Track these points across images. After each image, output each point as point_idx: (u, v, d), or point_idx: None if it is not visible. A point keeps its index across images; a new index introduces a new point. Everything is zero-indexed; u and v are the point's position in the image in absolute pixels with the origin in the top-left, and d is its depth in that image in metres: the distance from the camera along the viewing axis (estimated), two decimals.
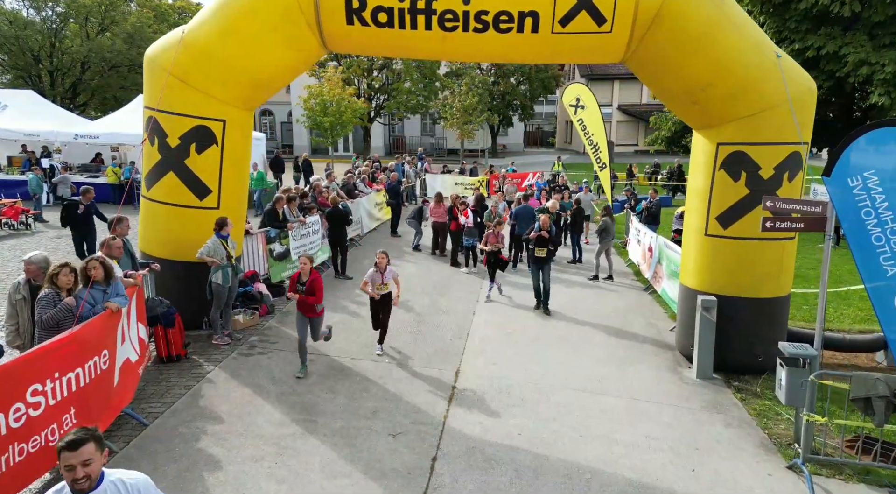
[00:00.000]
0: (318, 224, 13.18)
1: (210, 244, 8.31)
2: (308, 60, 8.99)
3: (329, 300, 11.24)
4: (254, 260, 11.25)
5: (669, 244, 12.20)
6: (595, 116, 19.50)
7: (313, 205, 13.26)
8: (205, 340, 8.86)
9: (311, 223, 12.80)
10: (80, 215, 11.96)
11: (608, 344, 9.74)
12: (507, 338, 9.90)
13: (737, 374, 8.51)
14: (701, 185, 8.65)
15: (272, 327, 9.63)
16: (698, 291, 8.65)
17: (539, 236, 10.98)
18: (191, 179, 8.72)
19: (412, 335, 9.81)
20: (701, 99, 8.20)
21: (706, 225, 8.55)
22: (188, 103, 8.51)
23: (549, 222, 10.99)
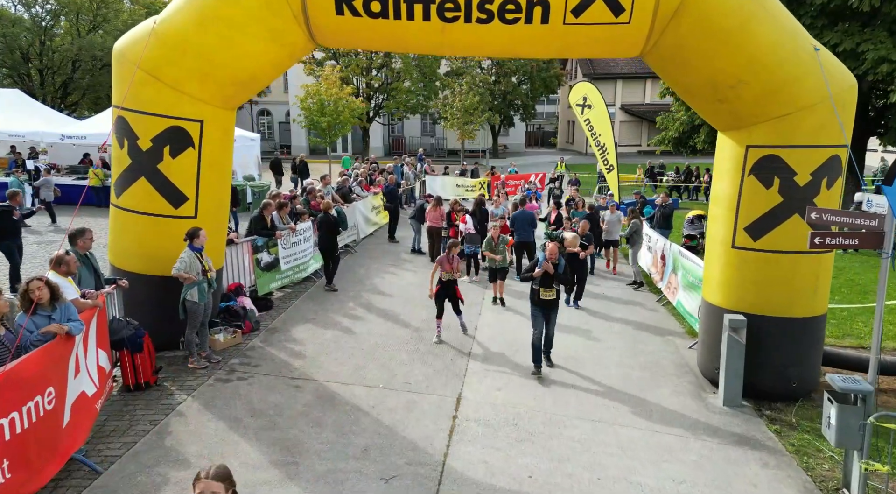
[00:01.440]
0: (309, 231, 12.38)
1: (185, 258, 7.49)
2: (294, 55, 8.18)
3: (319, 314, 10.45)
4: (239, 271, 10.44)
5: (685, 253, 11.39)
6: (602, 116, 18.67)
7: (305, 211, 12.45)
8: (181, 362, 8.04)
9: (301, 231, 11.99)
10: (14, 222, 10.55)
11: (623, 364, 8.92)
12: (513, 357, 9.08)
13: (768, 401, 7.70)
14: (727, 192, 7.83)
15: (255, 347, 8.80)
16: (724, 309, 7.84)
17: (544, 272, 8.34)
18: (165, 186, 7.91)
19: (410, 354, 9.00)
20: (730, 97, 7.39)
21: (733, 236, 7.74)
22: (161, 102, 7.70)
23: (559, 253, 8.47)
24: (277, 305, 10.81)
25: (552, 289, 8.41)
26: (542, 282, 8.38)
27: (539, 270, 8.39)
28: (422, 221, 15.41)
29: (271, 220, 11.24)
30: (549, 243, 8.84)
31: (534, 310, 8.56)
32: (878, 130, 20.32)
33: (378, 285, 12.58)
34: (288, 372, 7.99)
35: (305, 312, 10.56)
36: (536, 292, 8.45)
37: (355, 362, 8.52)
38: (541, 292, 8.40)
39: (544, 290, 8.38)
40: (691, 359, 9.20)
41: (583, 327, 10.50)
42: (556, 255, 8.36)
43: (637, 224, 13.25)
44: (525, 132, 59.70)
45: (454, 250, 9.69)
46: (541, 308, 8.47)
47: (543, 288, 8.38)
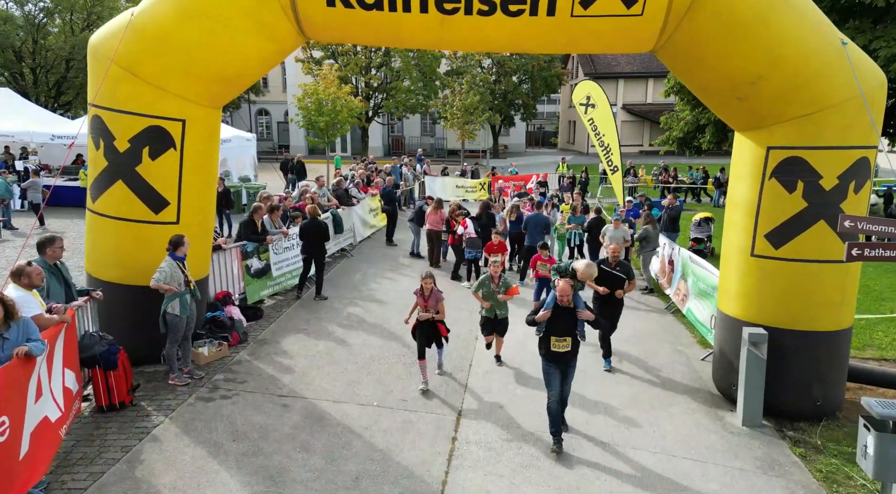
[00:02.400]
0: None
1: (166, 268, 6.97)
2: (283, 50, 7.66)
3: (312, 324, 9.95)
4: (227, 279, 9.92)
5: (695, 259, 10.87)
6: (607, 116, 18.14)
7: (298, 214, 11.92)
8: (161, 378, 7.52)
9: (294, 235, 11.46)
10: None
11: (633, 379, 8.41)
12: (517, 371, 8.58)
13: (789, 420, 7.18)
14: (746, 196, 7.32)
15: (242, 361, 8.28)
16: (743, 321, 7.32)
17: (553, 314, 6.39)
18: (144, 190, 7.39)
19: (406, 367, 8.49)
20: (749, 95, 6.87)
21: (753, 244, 7.22)
22: (139, 99, 7.18)
23: (573, 292, 6.46)
24: (268, 314, 10.29)
25: (566, 339, 6.39)
26: (552, 328, 6.39)
27: (546, 311, 6.39)
28: (421, 223, 14.89)
29: (262, 224, 10.71)
30: (558, 280, 6.74)
31: (545, 366, 6.53)
32: (888, 130, 19.82)
33: (374, 291, 12.06)
34: (276, 389, 7.48)
35: (297, 321, 10.03)
36: (546, 343, 6.46)
37: (348, 377, 8.00)
38: (552, 343, 6.40)
39: (556, 339, 6.38)
40: (704, 372, 8.69)
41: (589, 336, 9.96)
42: (568, 296, 6.36)
43: (649, 230, 12.65)
44: (526, 132, 59.14)
45: (426, 282, 7.82)
46: (554, 363, 6.47)
47: (556, 337, 6.38)
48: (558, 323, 6.40)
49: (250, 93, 47.50)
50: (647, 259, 12.86)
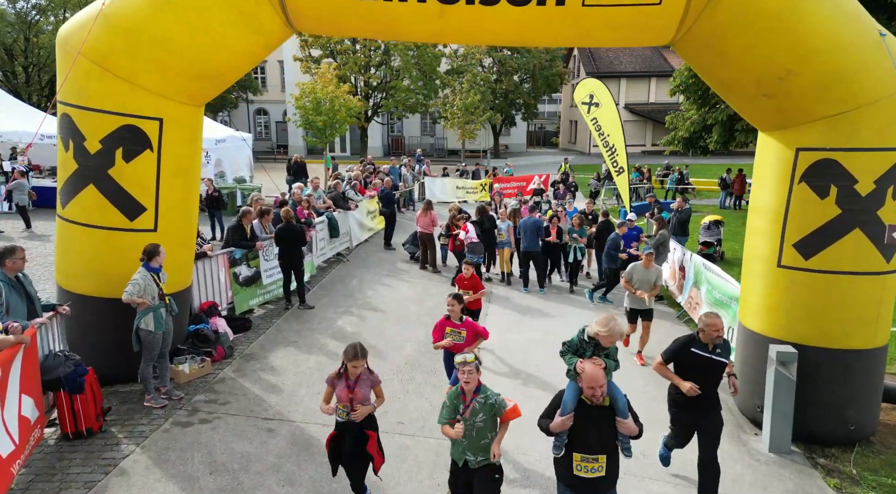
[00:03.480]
0: None
1: (139, 281, 6.38)
2: (270, 44, 7.07)
3: (303, 335, 9.36)
4: (214, 288, 9.32)
5: (709, 266, 10.29)
6: (611, 115, 17.52)
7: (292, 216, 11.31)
8: (137, 398, 6.93)
9: None
10: None
11: (645, 396, 7.82)
12: (522, 385, 8.02)
13: (820, 446, 6.60)
14: (771, 202, 6.73)
15: (226, 379, 7.67)
16: (768, 337, 6.74)
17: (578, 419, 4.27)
18: (117, 195, 6.80)
19: (403, 384, 7.90)
20: (777, 92, 6.28)
21: (780, 253, 6.63)
22: (111, 96, 6.60)
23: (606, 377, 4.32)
24: (257, 324, 9.69)
25: (599, 457, 4.21)
26: (577, 440, 4.26)
27: (566, 417, 4.25)
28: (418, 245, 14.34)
29: (251, 229, 10.12)
30: (580, 364, 4.37)
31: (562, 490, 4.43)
32: None
33: (371, 299, 11.47)
34: (261, 411, 6.89)
35: (287, 333, 9.44)
36: (567, 463, 4.29)
37: None
38: (574, 464, 4.24)
39: (583, 458, 4.22)
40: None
41: None
42: (602, 387, 4.17)
43: (665, 236, 11.92)
44: (527, 132, 58.54)
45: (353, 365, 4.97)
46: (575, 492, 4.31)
47: (582, 455, 4.23)
48: (586, 432, 4.20)
49: (248, 92, 46.96)
50: (659, 266, 12.23)
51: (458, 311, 6.65)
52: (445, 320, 6.71)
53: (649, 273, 9.04)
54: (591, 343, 5.10)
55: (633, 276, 9.04)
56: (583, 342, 5.18)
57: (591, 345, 5.10)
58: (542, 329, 10.17)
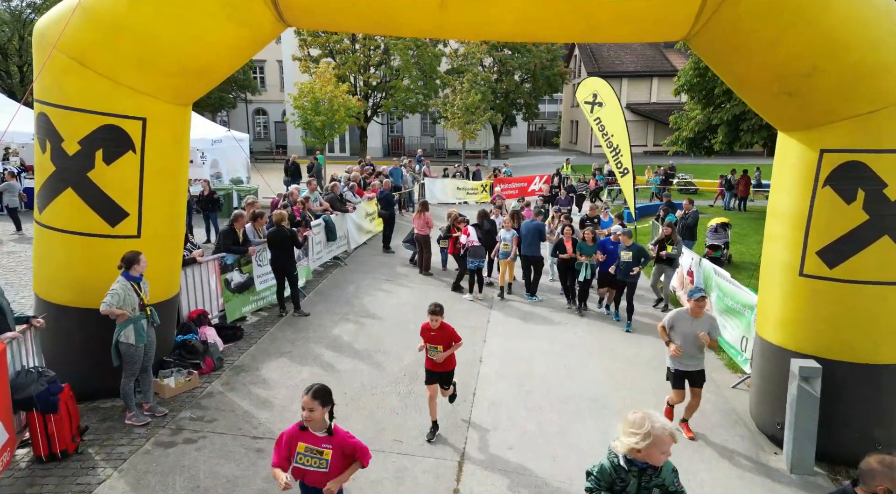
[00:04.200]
0: None
1: (118, 291, 5.98)
2: (259, 38, 6.67)
3: (297, 345, 8.96)
4: (204, 295, 8.92)
5: (720, 272, 9.89)
6: (615, 115, 17.13)
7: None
8: (118, 416, 6.53)
9: None
10: None
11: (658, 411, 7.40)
12: (526, 400, 7.60)
13: (845, 466, 6.20)
14: (792, 207, 6.33)
15: (214, 393, 7.26)
16: (789, 350, 6.33)
17: None
18: (97, 199, 6.40)
19: (402, 399, 7.50)
20: (801, 89, 5.88)
21: (802, 261, 6.23)
22: (90, 94, 6.19)
23: None
24: (249, 333, 9.29)
25: None
26: None
27: None
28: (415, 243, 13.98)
29: (244, 233, 9.71)
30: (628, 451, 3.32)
31: None
32: None
33: (368, 305, 11.07)
34: (250, 429, 6.48)
35: (280, 342, 9.04)
36: None
37: (336, 412, 6.98)
38: None
39: None
40: (737, 402, 7.71)
41: (603, 355, 8.99)
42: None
43: (681, 243, 11.55)
44: (527, 132, 58.13)
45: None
46: None
47: None
48: None
49: (247, 92, 46.57)
50: (670, 276, 11.76)
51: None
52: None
53: (699, 324, 6.53)
54: (634, 469, 3.36)
55: (674, 325, 6.64)
56: (619, 470, 3.40)
57: (635, 471, 3.37)
58: (547, 338, 9.77)
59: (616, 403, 7.60)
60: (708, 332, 6.51)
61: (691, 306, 6.57)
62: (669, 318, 6.74)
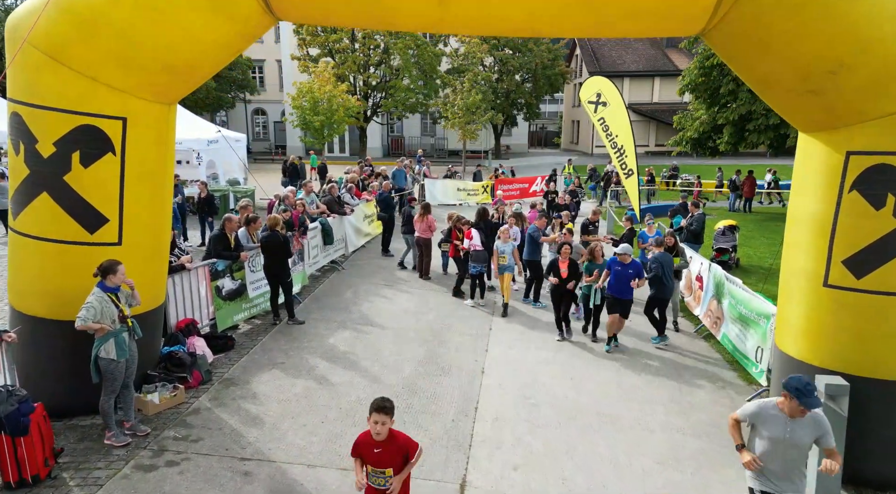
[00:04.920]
0: None
1: (94, 303, 5.58)
2: (247, 32, 6.27)
3: (291, 356, 8.57)
4: (194, 303, 8.53)
5: (732, 278, 9.49)
6: (619, 115, 16.71)
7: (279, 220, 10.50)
8: (98, 435, 6.13)
9: None
10: None
11: (669, 427, 7.03)
12: (531, 415, 7.20)
13: (873, 490, 5.81)
14: (816, 212, 5.93)
15: (201, 409, 6.87)
16: (812, 366, 5.94)
17: None
18: (75, 204, 6.01)
19: (400, 414, 7.03)
20: (826, 88, 5.49)
21: (826, 271, 5.84)
22: (66, 93, 5.80)
23: None
24: (241, 343, 8.89)
25: None
26: None
27: None
28: (412, 231, 13.60)
29: (236, 238, 9.32)
30: None
31: None
32: None
33: (367, 312, 10.68)
34: (237, 449, 6.08)
35: (273, 352, 8.64)
36: None
37: (329, 429, 6.62)
38: None
39: None
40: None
41: (613, 367, 8.59)
42: None
43: (683, 260, 10.70)
44: (528, 132, 57.76)
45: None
46: None
47: None
48: None
49: (246, 92, 46.20)
50: (677, 290, 10.61)
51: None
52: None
53: (799, 427, 4.28)
54: None
55: (758, 425, 4.46)
56: None
57: None
58: (552, 347, 9.37)
59: (626, 418, 7.21)
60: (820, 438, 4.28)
61: (784, 405, 4.26)
62: (751, 414, 4.50)
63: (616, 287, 9.19)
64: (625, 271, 9.11)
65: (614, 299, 9.20)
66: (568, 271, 9.62)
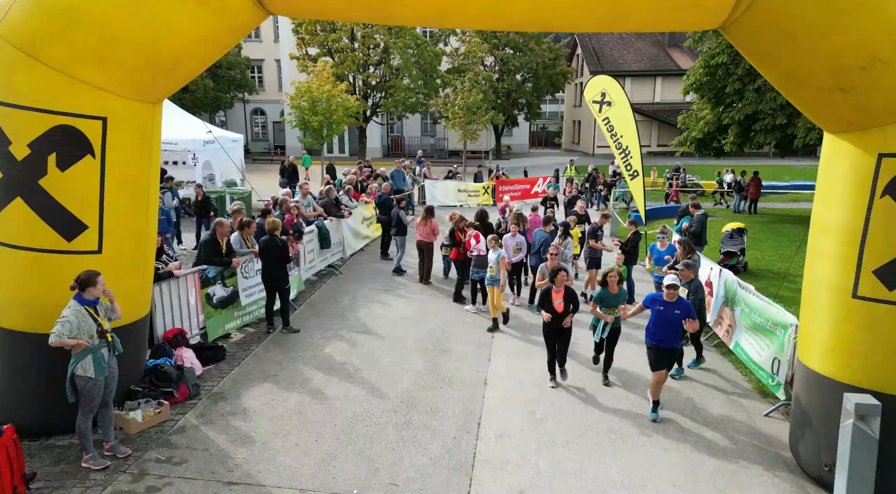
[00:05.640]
0: None
1: (70, 318, 5.19)
2: (236, 26, 5.88)
3: (284, 367, 8.18)
4: (182, 312, 8.14)
5: (745, 285, 9.10)
6: (625, 115, 16.33)
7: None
8: (75, 457, 5.74)
9: None
10: None
11: (684, 445, 6.63)
12: (538, 431, 6.81)
13: None
14: (843, 219, 5.54)
15: (187, 428, 6.46)
16: (841, 383, 5.55)
17: None
18: (51, 210, 5.62)
19: (398, 431, 6.71)
20: (858, 84, 5.10)
21: (856, 282, 5.45)
22: (42, 91, 5.42)
23: None
24: (232, 353, 8.50)
25: None
26: None
27: None
28: (403, 233, 13.24)
29: (228, 243, 8.92)
30: None
31: None
32: None
33: (364, 319, 10.28)
34: (224, 473, 5.68)
35: (266, 364, 8.25)
36: None
37: (323, 448, 6.22)
38: None
39: None
40: (772, 432, 6.93)
41: (622, 379, 8.19)
42: None
43: (698, 261, 9.95)
44: (529, 132, 57.34)
45: None
46: None
47: None
48: None
49: (245, 92, 45.81)
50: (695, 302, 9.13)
51: None
52: None
53: None
54: None
55: None
56: None
57: None
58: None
59: (637, 434, 6.82)
60: None
61: None
62: None
63: (659, 334, 6.99)
64: (670, 313, 6.93)
65: (659, 350, 7.03)
66: (564, 302, 7.72)
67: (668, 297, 6.96)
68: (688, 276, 8.51)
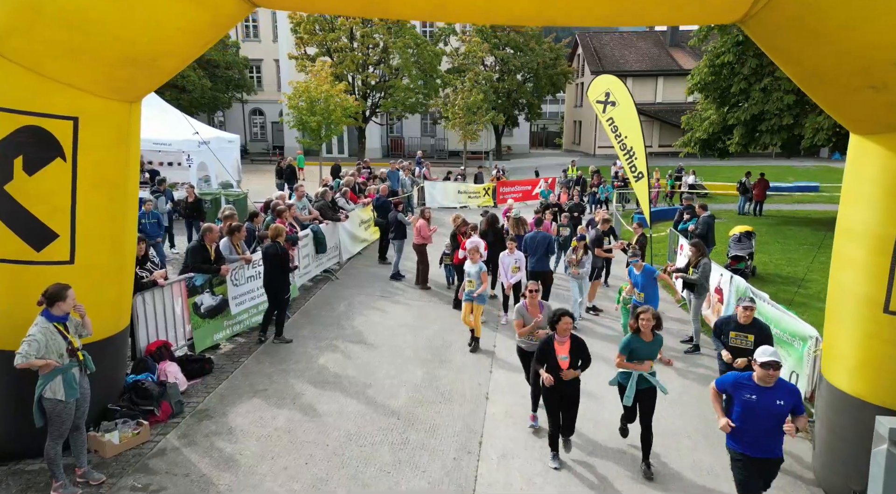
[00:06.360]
0: None
1: (37, 336, 4.78)
2: (219, 20, 5.47)
3: (275, 380, 7.76)
4: (167, 323, 7.72)
5: (758, 293, 8.70)
6: (629, 115, 15.89)
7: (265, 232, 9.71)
8: (46, 483, 5.33)
9: (259, 262, 9.25)
10: None
11: (699, 468, 6.22)
12: (543, 451, 6.39)
13: None
14: (873, 226, 5.14)
15: (167, 450, 6.04)
16: (872, 405, 5.14)
17: None
18: (18, 217, 5.21)
19: (394, 451, 6.30)
20: (890, 82, 4.69)
21: (888, 295, 5.04)
22: (6, 89, 5.01)
23: None
24: (220, 365, 8.08)
25: None
26: None
27: None
28: (402, 237, 12.84)
29: (217, 250, 8.51)
30: None
31: None
32: None
33: (360, 327, 9.87)
34: None
35: (256, 377, 7.83)
36: None
37: (313, 472, 5.81)
38: None
39: None
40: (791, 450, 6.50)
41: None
42: None
43: (708, 265, 9.42)
44: (529, 133, 56.91)
45: None
46: None
47: None
48: None
49: (243, 92, 45.40)
50: (699, 306, 9.58)
51: None
52: None
53: None
54: None
55: None
56: None
57: None
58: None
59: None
60: None
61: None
62: None
63: (753, 434, 4.68)
64: (769, 403, 4.62)
65: (749, 462, 4.72)
66: (571, 357, 5.97)
67: (761, 379, 4.59)
68: None
